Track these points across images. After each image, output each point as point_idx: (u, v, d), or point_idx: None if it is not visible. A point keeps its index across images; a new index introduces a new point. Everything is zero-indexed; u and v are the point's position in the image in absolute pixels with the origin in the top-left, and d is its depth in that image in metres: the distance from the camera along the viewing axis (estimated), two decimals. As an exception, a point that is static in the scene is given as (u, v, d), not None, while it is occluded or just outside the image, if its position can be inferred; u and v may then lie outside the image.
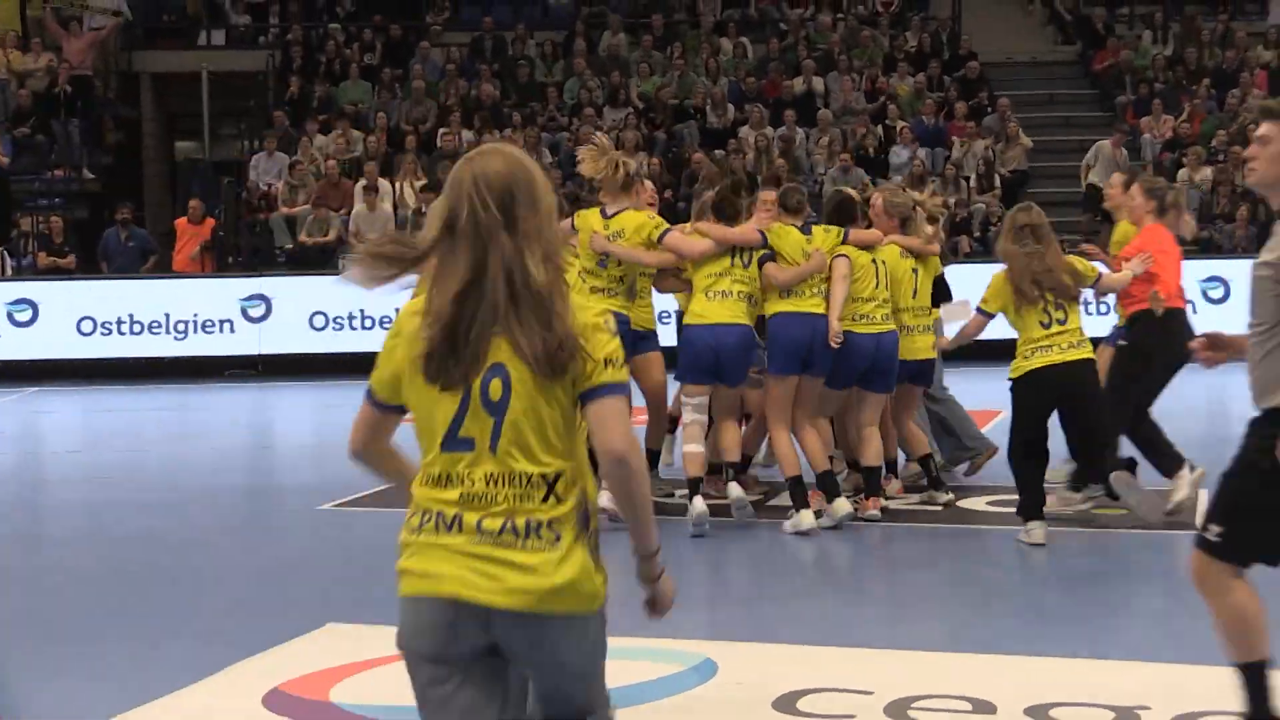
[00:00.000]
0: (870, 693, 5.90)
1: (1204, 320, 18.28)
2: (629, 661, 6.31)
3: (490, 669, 3.66)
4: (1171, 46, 24.23)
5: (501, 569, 3.57)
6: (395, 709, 5.68)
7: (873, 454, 9.30)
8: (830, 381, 9.15)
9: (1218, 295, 18.46)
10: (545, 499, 3.60)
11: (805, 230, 9.14)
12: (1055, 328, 8.46)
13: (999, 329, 8.79)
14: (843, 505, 8.93)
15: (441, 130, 21.55)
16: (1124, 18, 25.33)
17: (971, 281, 10.34)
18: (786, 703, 5.80)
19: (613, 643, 6.77)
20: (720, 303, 8.95)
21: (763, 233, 8.97)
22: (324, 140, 21.64)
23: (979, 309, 8.80)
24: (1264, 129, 4.80)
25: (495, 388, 3.58)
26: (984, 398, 11.62)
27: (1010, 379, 8.62)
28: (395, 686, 6.16)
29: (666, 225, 9.14)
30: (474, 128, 21.59)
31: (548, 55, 24.01)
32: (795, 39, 24.22)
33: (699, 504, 8.81)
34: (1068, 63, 25.00)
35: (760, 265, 8.96)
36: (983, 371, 11.34)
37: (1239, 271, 18.56)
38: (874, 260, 9.22)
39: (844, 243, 9.15)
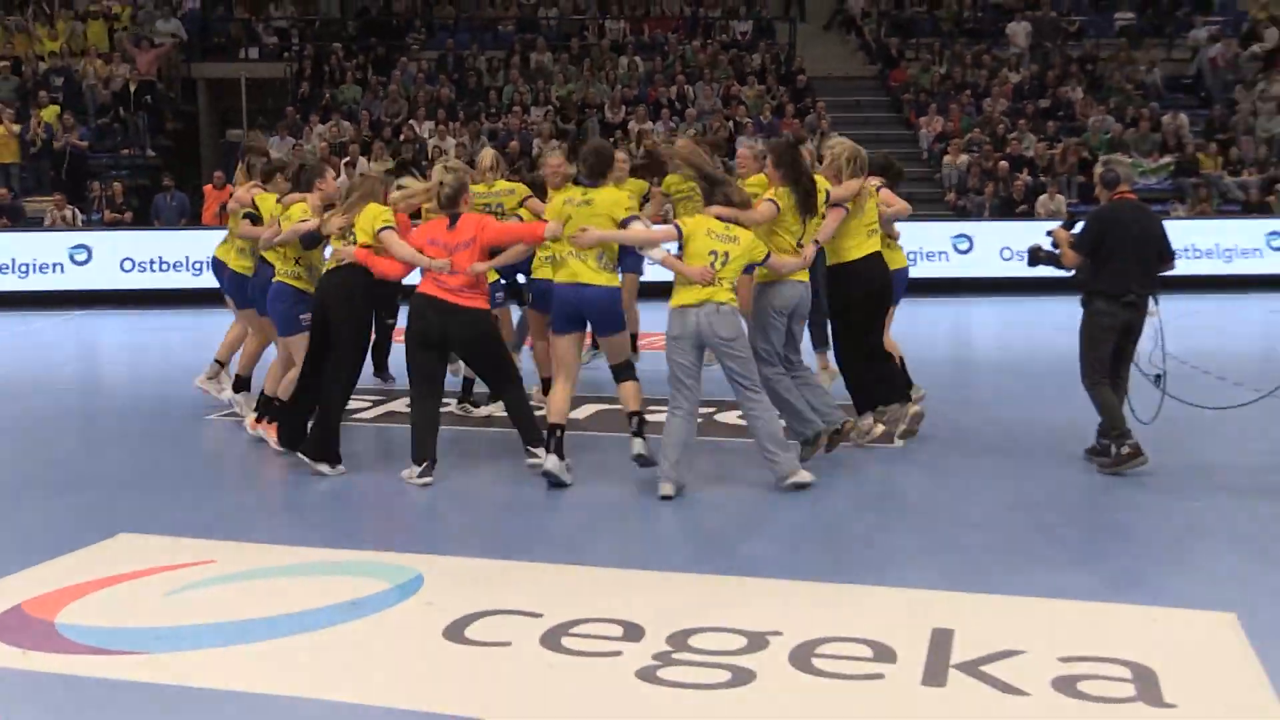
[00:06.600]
0: (539, 615, 4.36)
1: (954, 267, 16.89)
2: (333, 578, 4.82)
3: None
4: (945, 67, 22.51)
5: None
6: (114, 631, 4.18)
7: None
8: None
9: (964, 248, 16.96)
10: None
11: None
12: None
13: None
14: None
15: (409, 121, 19.79)
16: (913, 44, 23.57)
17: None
18: (456, 630, 4.25)
19: (328, 556, 5.27)
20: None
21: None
22: (322, 128, 19.85)
23: None
24: None
25: None
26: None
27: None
28: (128, 605, 4.64)
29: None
30: (435, 120, 19.85)
31: (493, 68, 22.13)
32: (674, 58, 22.41)
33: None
34: (871, 78, 23.22)
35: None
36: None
37: (980, 230, 17.10)
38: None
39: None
